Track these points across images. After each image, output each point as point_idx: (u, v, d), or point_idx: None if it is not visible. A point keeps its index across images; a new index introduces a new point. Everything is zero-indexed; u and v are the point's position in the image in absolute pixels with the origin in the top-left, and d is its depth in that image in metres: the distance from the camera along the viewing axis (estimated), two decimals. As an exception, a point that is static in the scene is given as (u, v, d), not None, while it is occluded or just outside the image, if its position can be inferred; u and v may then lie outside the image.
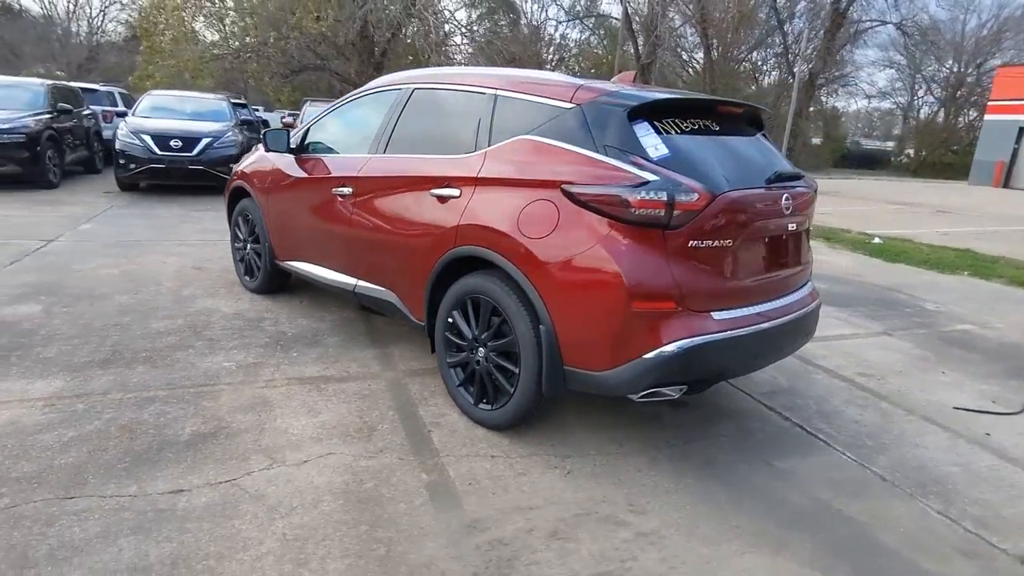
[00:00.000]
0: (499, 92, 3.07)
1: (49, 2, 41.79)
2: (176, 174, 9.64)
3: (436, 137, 3.38)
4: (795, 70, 27.06)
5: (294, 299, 4.87)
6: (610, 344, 2.52)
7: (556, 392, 2.72)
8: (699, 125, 2.80)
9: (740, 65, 35.62)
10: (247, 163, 4.91)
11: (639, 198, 2.43)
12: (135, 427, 2.84)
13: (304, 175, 4.16)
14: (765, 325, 2.72)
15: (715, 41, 33.79)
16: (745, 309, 2.70)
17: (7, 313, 4.16)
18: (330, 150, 4.11)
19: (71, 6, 39.99)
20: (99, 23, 41.15)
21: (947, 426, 3.38)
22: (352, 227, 3.69)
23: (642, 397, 2.59)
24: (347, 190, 3.70)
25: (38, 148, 9.12)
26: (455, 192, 3.04)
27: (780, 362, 3.99)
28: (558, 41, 36.70)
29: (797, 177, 3.05)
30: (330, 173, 3.90)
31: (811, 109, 31.56)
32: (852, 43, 30.77)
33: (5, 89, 9.82)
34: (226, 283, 5.19)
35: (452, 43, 30.37)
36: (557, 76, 3.06)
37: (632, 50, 29.31)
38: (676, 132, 2.70)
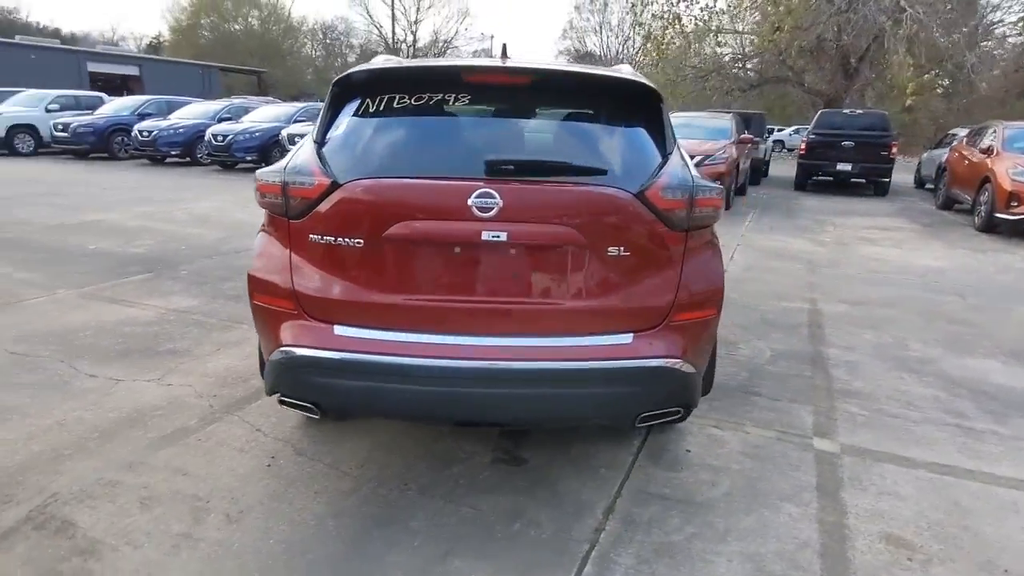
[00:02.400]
0: None
1: (605, 45, 51.50)
2: None
3: None
4: None
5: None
6: (259, 337, 2.30)
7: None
8: (434, 100, 2.15)
9: None
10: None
11: (260, 181, 2.14)
12: (159, 335, 3.93)
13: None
14: (419, 362, 1.96)
15: None
16: (390, 333, 2.00)
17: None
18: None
19: (620, 48, 48.25)
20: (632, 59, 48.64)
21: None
22: None
23: (283, 404, 2.25)
24: None
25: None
26: None
27: (769, 477, 2.59)
28: None
29: (575, 171, 1.99)
30: None
31: None
32: None
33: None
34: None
35: (988, 44, 24.14)
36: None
37: None
38: (385, 109, 2.17)
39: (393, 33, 45.05)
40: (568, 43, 54.19)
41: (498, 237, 1.93)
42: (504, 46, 2.63)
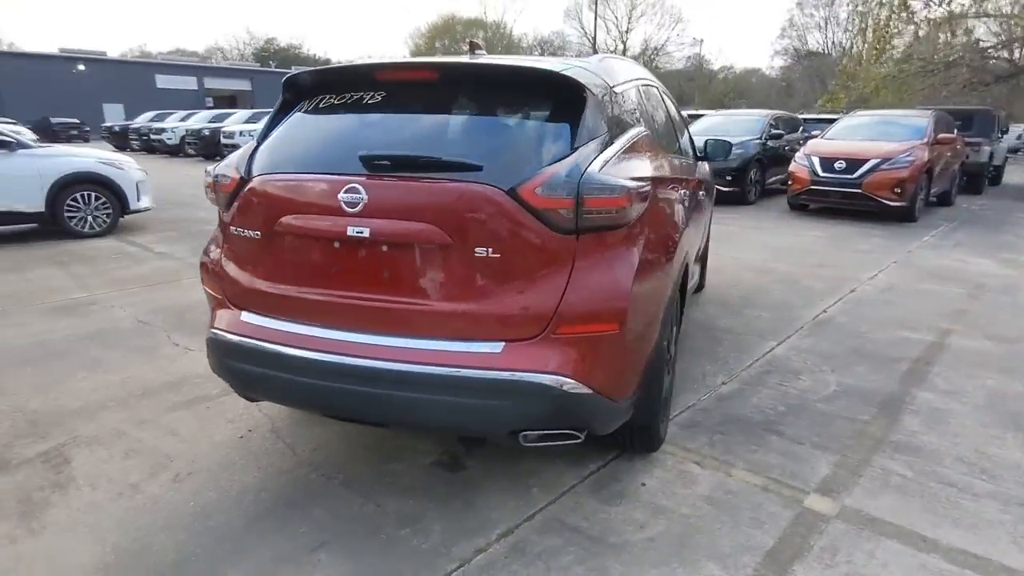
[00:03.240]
0: None
1: (831, 41, 46.75)
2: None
3: None
4: None
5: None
6: (214, 319, 2.51)
7: None
8: (352, 99, 2.16)
9: None
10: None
11: (206, 178, 2.33)
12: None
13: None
14: (298, 352, 1.99)
15: None
16: (283, 323, 2.07)
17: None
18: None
19: (849, 44, 43.21)
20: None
21: None
22: None
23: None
24: None
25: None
26: None
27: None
28: None
29: (447, 167, 1.85)
30: None
31: None
32: None
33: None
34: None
35: None
36: None
37: None
38: (312, 110, 2.26)
39: (595, 43, 45.42)
40: (787, 42, 50.03)
41: (361, 233, 1.89)
42: (472, 43, 2.55)
